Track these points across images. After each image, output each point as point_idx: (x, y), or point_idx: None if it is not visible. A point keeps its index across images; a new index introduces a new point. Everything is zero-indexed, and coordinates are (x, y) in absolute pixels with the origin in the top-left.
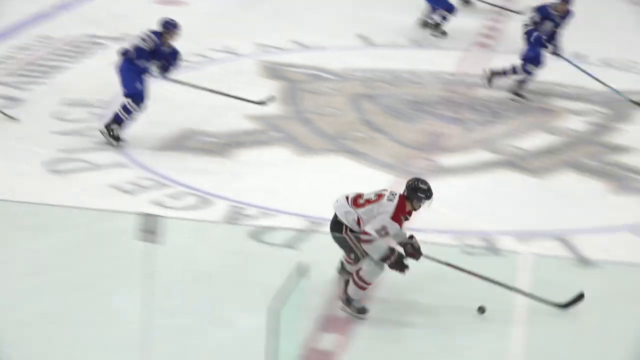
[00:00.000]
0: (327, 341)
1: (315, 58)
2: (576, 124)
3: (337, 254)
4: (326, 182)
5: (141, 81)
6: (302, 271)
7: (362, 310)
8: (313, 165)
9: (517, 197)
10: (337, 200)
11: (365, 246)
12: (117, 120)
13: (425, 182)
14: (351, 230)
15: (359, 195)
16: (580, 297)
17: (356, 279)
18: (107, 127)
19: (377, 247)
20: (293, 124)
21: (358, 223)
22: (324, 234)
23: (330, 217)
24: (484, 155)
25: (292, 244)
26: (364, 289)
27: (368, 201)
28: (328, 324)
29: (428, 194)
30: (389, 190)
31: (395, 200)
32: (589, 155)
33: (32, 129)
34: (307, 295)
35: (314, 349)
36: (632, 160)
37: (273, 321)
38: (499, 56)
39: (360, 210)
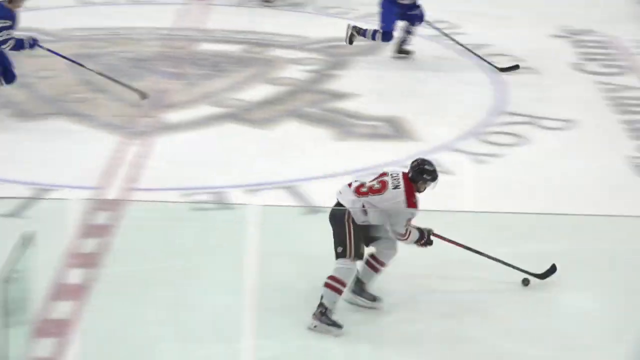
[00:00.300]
0: (60, 309)
1: (30, 19)
2: (296, 73)
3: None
4: (50, 147)
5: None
6: (27, 240)
7: (336, 324)
8: (36, 130)
9: (243, 149)
10: (339, 192)
11: (403, 242)
12: None
13: (430, 164)
14: (354, 222)
15: (362, 185)
16: (553, 268)
17: (332, 282)
18: None
19: (410, 239)
20: (11, 89)
21: (364, 212)
22: (51, 201)
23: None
24: (208, 110)
25: (17, 213)
26: (340, 292)
27: (371, 189)
28: (60, 292)
29: (434, 175)
30: (389, 174)
31: (402, 186)
32: (310, 104)
33: None
34: (36, 264)
35: (47, 318)
36: (352, 106)
37: (0, 293)
38: (217, 9)
39: (365, 199)
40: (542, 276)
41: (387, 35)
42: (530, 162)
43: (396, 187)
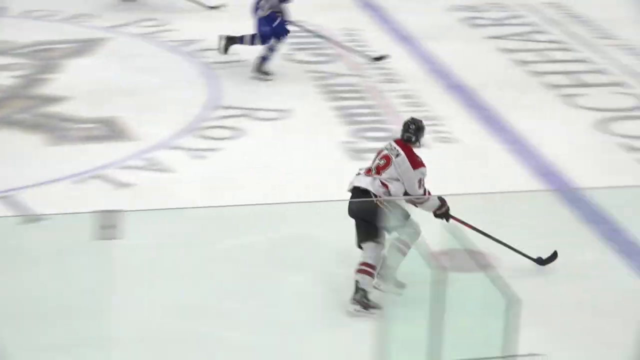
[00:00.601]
0: None
1: None
2: (3, 79)
3: None
4: None
5: None
6: None
7: (377, 307)
8: None
9: None
10: (352, 183)
11: (421, 207)
12: None
13: (415, 119)
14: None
15: (369, 169)
16: (554, 255)
17: (364, 268)
18: None
19: (431, 204)
20: None
21: (385, 187)
22: None
23: None
24: None
25: None
26: (373, 275)
27: (379, 167)
28: None
29: (423, 124)
30: (384, 149)
31: (401, 152)
32: (21, 110)
33: None
34: None
35: None
36: (65, 110)
37: None
38: None
39: (379, 177)
40: (544, 262)
41: (263, 39)
42: (249, 153)
43: (397, 155)
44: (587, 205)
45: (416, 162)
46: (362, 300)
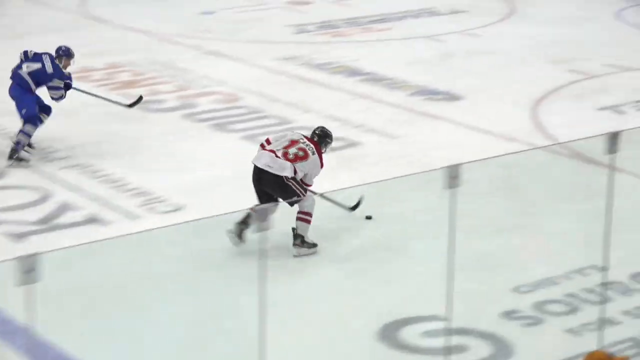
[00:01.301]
0: None
1: None
2: None
3: None
4: None
5: None
6: None
7: (314, 245)
8: None
9: None
10: (269, 165)
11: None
12: None
13: (326, 129)
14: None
15: (285, 153)
16: (359, 202)
17: (303, 216)
18: None
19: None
20: None
21: (295, 174)
22: None
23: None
24: None
25: None
26: (310, 222)
27: (297, 157)
28: None
29: (332, 137)
30: (300, 142)
31: (317, 152)
32: None
33: None
34: None
35: None
36: None
37: None
38: None
39: (295, 165)
40: (353, 208)
41: (33, 119)
42: None
43: (314, 153)
44: None
45: (322, 163)
46: (302, 244)
